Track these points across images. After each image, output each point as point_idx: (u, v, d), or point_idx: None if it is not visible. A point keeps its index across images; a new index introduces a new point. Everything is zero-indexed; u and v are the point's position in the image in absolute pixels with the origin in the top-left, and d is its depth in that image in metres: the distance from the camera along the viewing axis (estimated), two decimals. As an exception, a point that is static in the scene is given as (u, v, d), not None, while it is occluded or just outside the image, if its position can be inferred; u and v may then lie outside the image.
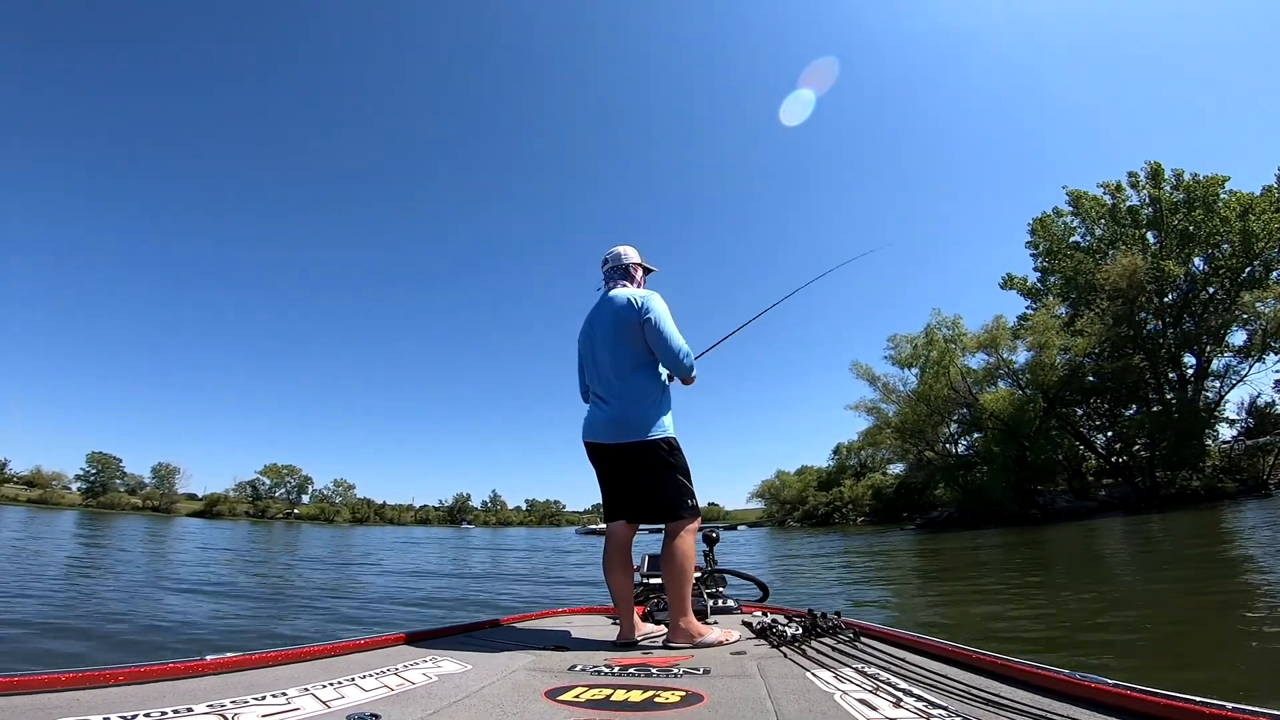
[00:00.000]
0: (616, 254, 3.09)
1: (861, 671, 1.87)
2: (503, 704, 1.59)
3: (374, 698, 1.60)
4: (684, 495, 2.74)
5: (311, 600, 9.44)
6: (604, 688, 1.76)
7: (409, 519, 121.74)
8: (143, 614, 7.10)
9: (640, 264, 3.13)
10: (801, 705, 1.55)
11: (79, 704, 1.35)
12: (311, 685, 1.65)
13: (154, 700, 1.41)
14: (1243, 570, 8.48)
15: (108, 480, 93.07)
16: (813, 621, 2.59)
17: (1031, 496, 28.51)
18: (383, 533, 55.38)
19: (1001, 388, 30.72)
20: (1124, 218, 33.48)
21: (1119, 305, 28.20)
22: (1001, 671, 1.75)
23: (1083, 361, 28.53)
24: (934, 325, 31.47)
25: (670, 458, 2.76)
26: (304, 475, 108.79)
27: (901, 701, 1.50)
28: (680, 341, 2.84)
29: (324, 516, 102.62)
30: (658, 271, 3.22)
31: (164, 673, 1.63)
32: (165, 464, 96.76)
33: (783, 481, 70.58)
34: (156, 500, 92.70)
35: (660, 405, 2.84)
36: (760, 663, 2.14)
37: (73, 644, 5.36)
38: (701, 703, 1.60)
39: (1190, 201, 30.80)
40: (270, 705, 1.44)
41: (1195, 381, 30.34)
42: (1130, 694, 1.35)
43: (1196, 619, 5.64)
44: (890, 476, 52.34)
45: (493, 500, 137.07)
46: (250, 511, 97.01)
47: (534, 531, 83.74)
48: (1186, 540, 13.44)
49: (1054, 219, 36.55)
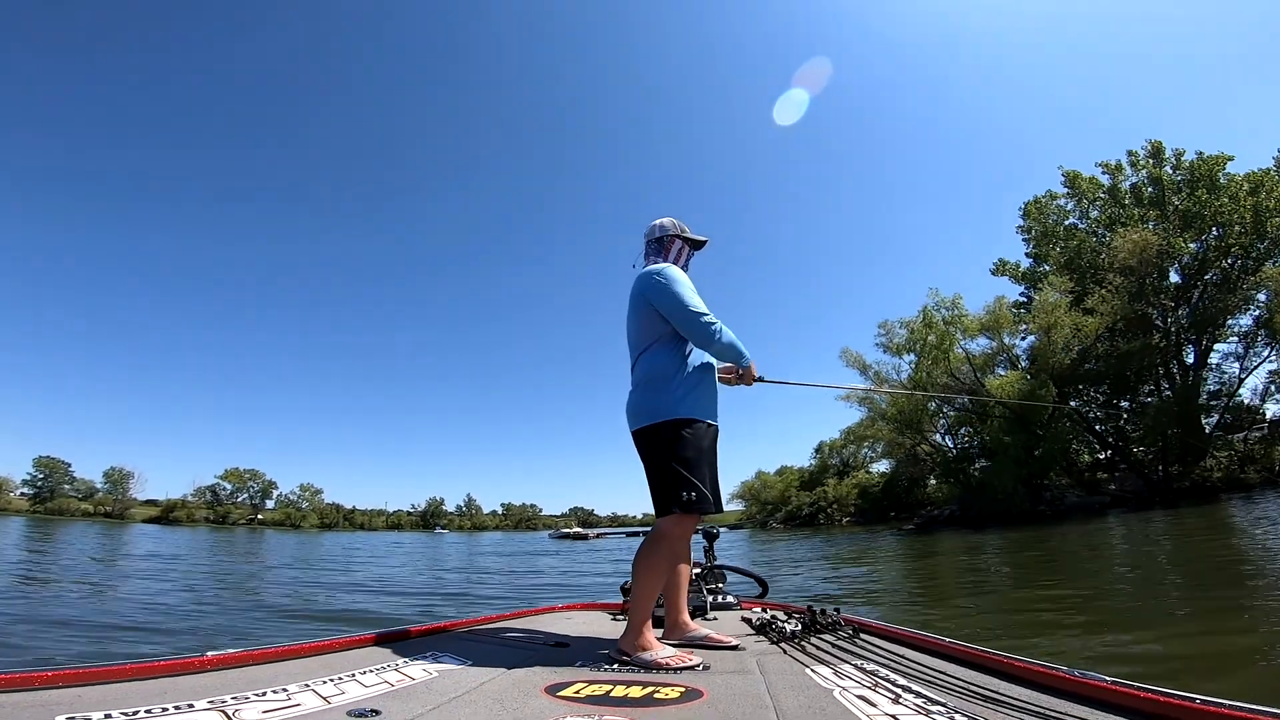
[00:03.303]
0: (651, 227, 2.87)
1: (861, 668, 1.89)
2: (503, 699, 1.61)
3: (375, 693, 1.61)
4: (678, 486, 2.38)
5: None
6: (604, 683, 1.80)
7: (380, 524, 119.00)
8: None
9: (676, 235, 2.81)
10: (801, 701, 1.55)
11: (80, 700, 1.35)
12: (312, 681, 1.66)
13: (155, 697, 1.42)
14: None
15: (56, 485, 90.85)
16: (812, 618, 2.56)
17: (1039, 492, 26.53)
18: (351, 538, 54.70)
19: (1005, 373, 28.54)
20: (1125, 196, 32.16)
21: (1133, 282, 26.38)
22: (1001, 668, 1.74)
23: (1095, 342, 26.50)
24: (931, 306, 29.36)
25: (671, 441, 2.43)
26: (268, 480, 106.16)
27: (900, 698, 1.51)
28: (691, 303, 2.54)
29: (290, 522, 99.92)
30: (709, 242, 2.89)
31: (165, 669, 1.64)
32: (118, 468, 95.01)
33: (763, 482, 69.40)
34: (109, 506, 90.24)
35: (672, 386, 2.51)
36: (760, 659, 2.16)
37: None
38: (701, 698, 1.62)
39: (1194, 181, 29.45)
40: (271, 701, 1.45)
41: (1196, 370, 28.77)
42: (1131, 692, 1.34)
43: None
44: (876, 475, 50.68)
45: (467, 504, 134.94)
46: (210, 517, 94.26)
47: (510, 536, 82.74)
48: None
49: (1048, 201, 35.34)
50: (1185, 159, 30.67)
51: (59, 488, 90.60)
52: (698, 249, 2.87)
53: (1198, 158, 29.98)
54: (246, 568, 15.94)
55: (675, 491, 2.36)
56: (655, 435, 2.45)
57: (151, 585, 10.43)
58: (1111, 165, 33.11)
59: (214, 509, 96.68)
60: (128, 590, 9.51)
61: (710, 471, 2.46)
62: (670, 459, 2.39)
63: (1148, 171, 31.63)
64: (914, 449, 34.35)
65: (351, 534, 78.15)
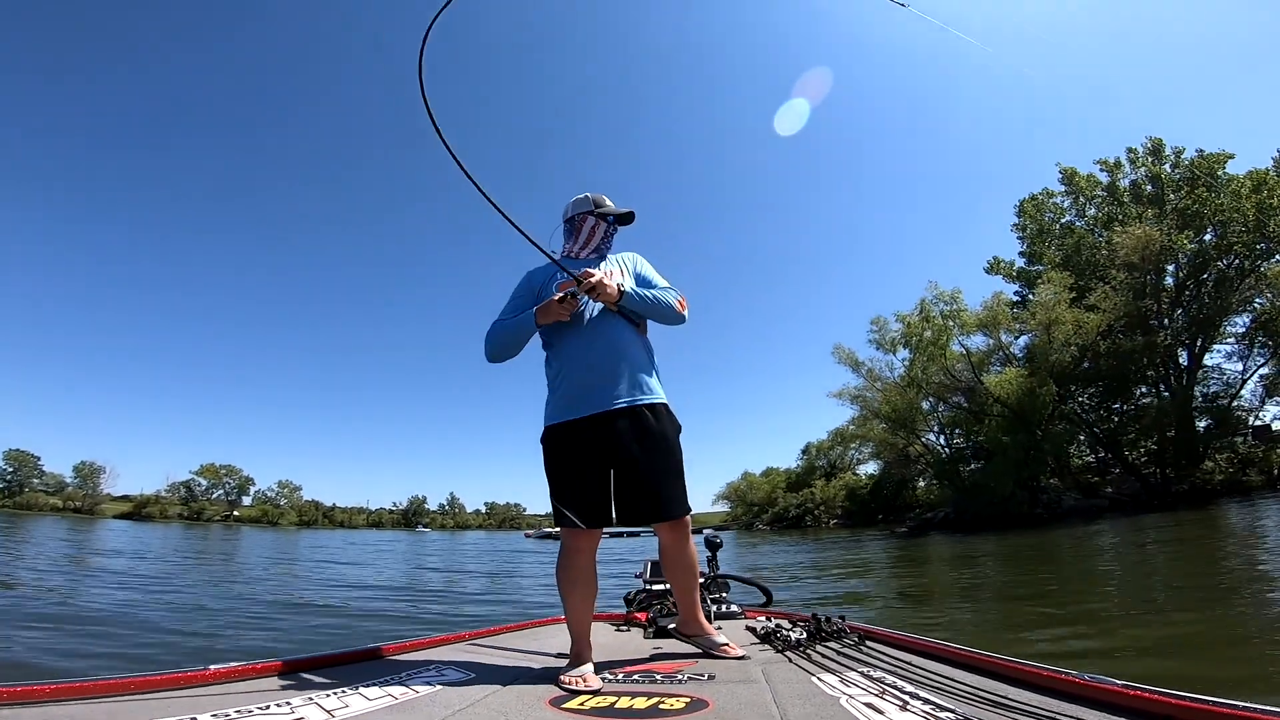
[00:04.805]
0: (565, 206, 2.67)
1: (867, 675, 1.84)
2: (507, 712, 1.60)
3: (378, 706, 1.59)
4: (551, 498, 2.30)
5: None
6: (608, 695, 1.78)
7: (360, 522, 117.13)
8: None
9: (589, 212, 2.52)
10: (807, 710, 1.54)
11: (81, 715, 1.36)
12: (315, 694, 1.66)
13: (157, 711, 1.41)
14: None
15: (25, 479, 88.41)
16: (817, 626, 2.53)
17: (1035, 495, 25.73)
18: (330, 536, 53.85)
19: (1002, 371, 27.70)
20: (1123, 194, 31.65)
21: (1136, 278, 25.66)
22: (1008, 673, 1.71)
23: (1096, 340, 25.71)
24: (929, 300, 28.45)
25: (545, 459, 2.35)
26: (245, 476, 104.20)
27: (908, 705, 1.49)
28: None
29: (267, 519, 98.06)
30: (634, 215, 2.55)
31: (167, 683, 1.64)
32: (89, 463, 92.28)
33: (750, 483, 68.87)
34: (79, 501, 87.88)
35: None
36: (765, 668, 2.11)
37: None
38: (707, 708, 1.60)
39: (1194, 179, 28.93)
40: (274, 714, 1.44)
41: (1190, 372, 28.31)
42: (1139, 694, 1.33)
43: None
44: (863, 477, 50.05)
45: (450, 503, 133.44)
46: (184, 514, 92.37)
47: (492, 535, 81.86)
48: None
49: (1045, 198, 34.97)
50: (1185, 157, 30.22)
51: (28, 481, 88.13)
52: (624, 223, 2.56)
53: (1198, 155, 29.52)
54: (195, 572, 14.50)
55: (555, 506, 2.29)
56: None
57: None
58: (1110, 162, 32.66)
59: (188, 505, 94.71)
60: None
61: (572, 477, 2.22)
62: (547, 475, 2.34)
63: (1147, 169, 31.15)
64: (906, 449, 33.52)
65: (330, 531, 77.22)
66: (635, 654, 2.52)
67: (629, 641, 2.89)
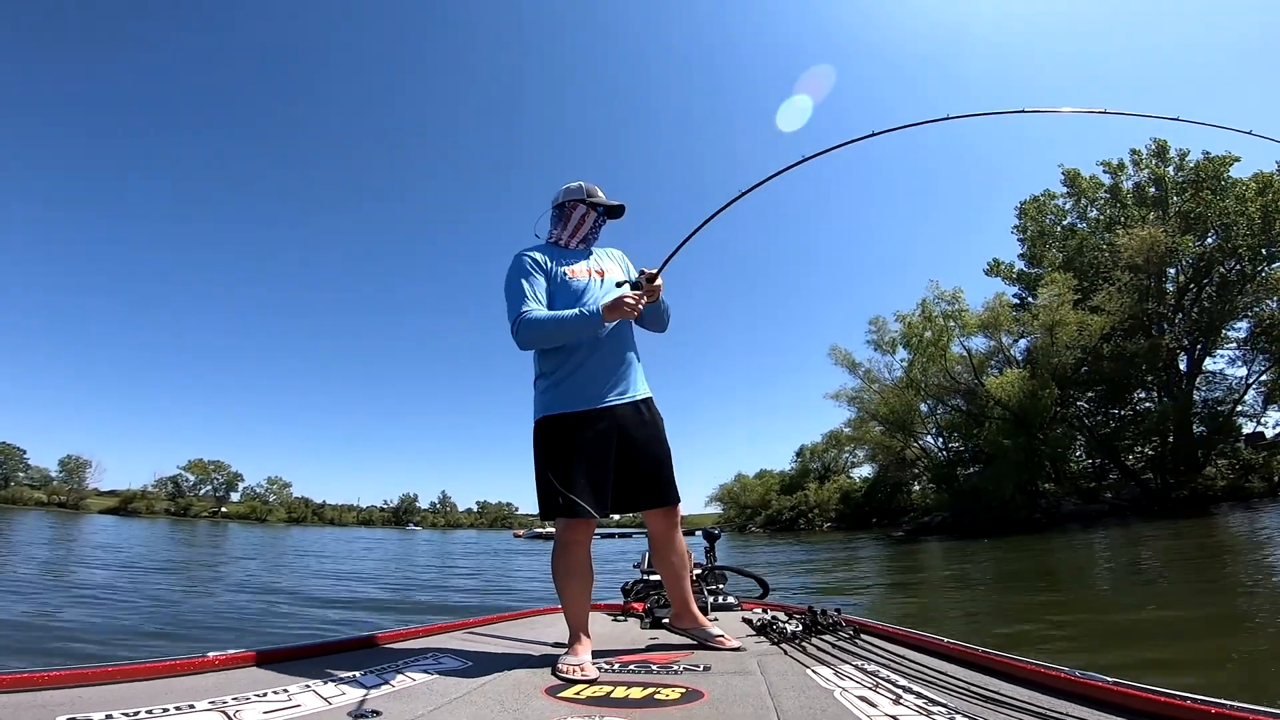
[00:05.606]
0: (557, 192, 2.66)
1: (861, 668, 1.85)
2: (503, 700, 1.60)
3: (376, 694, 1.59)
4: (540, 494, 2.30)
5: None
6: (604, 684, 1.79)
7: (350, 519, 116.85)
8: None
9: (580, 199, 2.50)
10: (801, 702, 1.54)
11: (81, 701, 1.35)
12: (313, 682, 1.65)
13: (156, 697, 1.40)
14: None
15: (10, 473, 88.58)
16: (813, 618, 2.53)
17: (1034, 499, 25.25)
18: (319, 533, 53.92)
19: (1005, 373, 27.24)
20: (1126, 196, 31.22)
21: (1141, 279, 25.25)
22: (1002, 669, 1.71)
23: (1100, 343, 25.27)
24: (930, 300, 27.99)
25: (535, 446, 2.36)
26: (233, 472, 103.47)
27: (901, 699, 1.50)
28: (510, 305, 2.34)
29: (255, 516, 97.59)
30: (624, 208, 2.55)
31: (166, 670, 1.64)
32: (74, 457, 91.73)
33: (743, 485, 67.96)
34: (64, 495, 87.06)
35: (535, 388, 2.42)
36: (760, 659, 2.13)
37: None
38: (702, 699, 1.60)
39: (1198, 182, 28.49)
40: (272, 702, 1.44)
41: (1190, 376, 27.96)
42: (1131, 692, 1.33)
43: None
44: (858, 480, 49.61)
45: (441, 501, 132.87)
46: (171, 509, 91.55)
47: (483, 534, 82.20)
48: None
49: (1046, 200, 34.53)
50: (1190, 160, 29.71)
51: (13, 475, 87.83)
52: (614, 216, 2.56)
53: (1203, 158, 29.05)
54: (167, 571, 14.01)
55: (542, 502, 2.30)
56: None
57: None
58: (1113, 164, 32.23)
59: (175, 501, 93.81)
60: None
61: (585, 466, 2.22)
62: (536, 465, 2.33)
63: (1150, 171, 30.74)
64: (902, 452, 33.05)
65: (320, 529, 76.95)
66: (632, 644, 2.53)
67: (626, 632, 2.88)
